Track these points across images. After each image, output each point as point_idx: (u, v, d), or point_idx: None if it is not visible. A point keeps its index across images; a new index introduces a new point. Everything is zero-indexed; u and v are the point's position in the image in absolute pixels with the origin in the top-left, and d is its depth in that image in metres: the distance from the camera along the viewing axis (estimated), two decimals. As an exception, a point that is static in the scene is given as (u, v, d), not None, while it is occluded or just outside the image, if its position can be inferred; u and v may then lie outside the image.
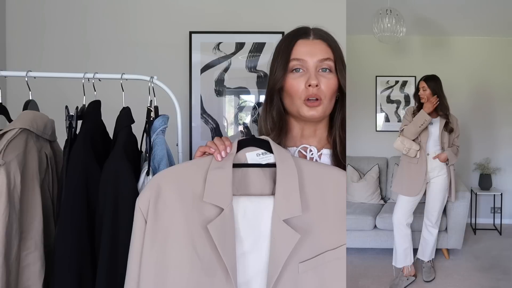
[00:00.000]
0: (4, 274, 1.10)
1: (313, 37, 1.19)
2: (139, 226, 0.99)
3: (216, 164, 1.01)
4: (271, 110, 1.22)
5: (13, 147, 1.17)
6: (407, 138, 2.69)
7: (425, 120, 2.61)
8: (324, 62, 1.16)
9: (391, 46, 3.58)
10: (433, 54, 3.86)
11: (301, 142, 1.23)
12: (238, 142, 1.06)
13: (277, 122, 1.21)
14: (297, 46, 1.18)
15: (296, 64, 1.17)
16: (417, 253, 2.83)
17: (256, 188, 1.04)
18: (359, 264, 2.99)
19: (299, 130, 1.24)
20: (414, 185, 2.70)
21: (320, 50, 1.17)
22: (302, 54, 1.17)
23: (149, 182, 1.02)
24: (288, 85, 1.17)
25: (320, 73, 1.16)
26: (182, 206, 0.99)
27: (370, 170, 3.72)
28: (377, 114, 4.07)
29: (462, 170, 3.81)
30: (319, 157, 1.22)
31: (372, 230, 3.14)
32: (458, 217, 2.98)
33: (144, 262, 0.98)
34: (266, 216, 1.00)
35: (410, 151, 2.68)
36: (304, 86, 1.15)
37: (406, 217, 2.74)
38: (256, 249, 1.00)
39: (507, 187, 3.85)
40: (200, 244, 0.97)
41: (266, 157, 1.06)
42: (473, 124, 3.88)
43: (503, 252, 3.17)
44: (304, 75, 1.16)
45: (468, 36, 3.89)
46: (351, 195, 3.56)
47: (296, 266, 0.99)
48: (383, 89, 4.03)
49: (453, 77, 3.83)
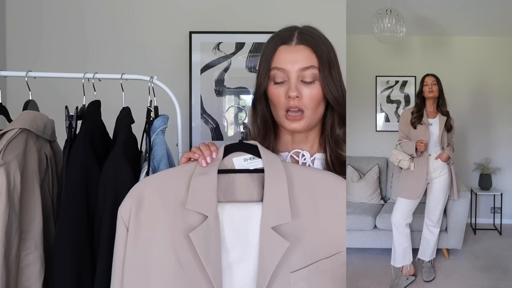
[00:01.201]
0: (4, 274, 1.10)
1: (296, 43, 1.10)
2: (121, 235, 0.96)
3: (200, 170, 0.97)
4: (255, 116, 1.18)
5: (13, 147, 1.17)
6: (400, 151, 2.71)
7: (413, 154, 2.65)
8: (306, 71, 1.08)
9: (391, 46, 3.58)
10: (433, 54, 3.86)
11: (293, 147, 1.18)
12: (225, 147, 1.01)
13: (262, 129, 1.16)
14: (278, 53, 1.10)
15: (277, 73, 1.10)
16: (417, 253, 2.83)
17: (243, 194, 0.99)
18: (359, 264, 2.99)
19: (289, 136, 1.18)
20: (415, 188, 2.71)
21: (302, 58, 1.09)
22: (283, 62, 1.09)
23: (131, 190, 0.98)
24: (270, 94, 1.12)
25: (303, 83, 1.09)
26: (165, 214, 0.95)
27: (370, 170, 3.72)
28: (377, 114, 4.07)
29: (462, 170, 3.81)
30: (312, 162, 1.17)
31: (372, 230, 3.14)
32: (458, 217, 2.98)
33: (126, 272, 0.95)
34: (254, 224, 0.95)
35: (400, 162, 2.68)
36: (284, 97, 1.09)
37: (406, 218, 2.73)
38: (244, 259, 0.95)
39: (507, 187, 3.84)
40: (183, 254, 0.93)
41: (254, 162, 1.01)
42: (473, 124, 3.88)
43: (503, 252, 3.17)
44: (285, 85, 1.09)
45: (468, 36, 3.89)
46: (351, 195, 3.56)
47: (287, 276, 0.94)
48: (383, 89, 4.03)
49: (453, 77, 3.82)
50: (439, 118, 2.72)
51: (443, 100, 2.74)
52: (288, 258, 0.94)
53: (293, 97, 1.08)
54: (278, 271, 0.93)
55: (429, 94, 2.70)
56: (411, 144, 2.67)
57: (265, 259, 0.92)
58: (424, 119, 2.71)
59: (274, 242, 0.92)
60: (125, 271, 0.95)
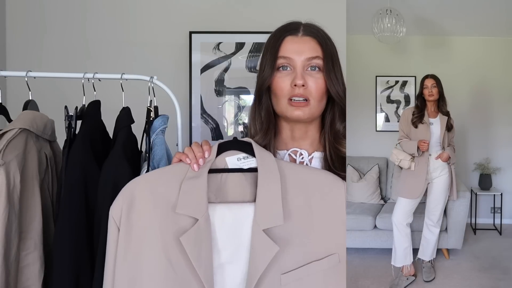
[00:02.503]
0: (4, 274, 1.10)
1: (302, 34, 1.12)
2: (112, 235, 0.96)
3: (191, 174, 0.96)
4: (259, 109, 1.15)
5: (12, 147, 1.17)
6: (401, 151, 2.71)
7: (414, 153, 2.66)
8: (312, 61, 1.09)
9: (391, 46, 3.58)
10: (433, 54, 3.87)
11: (292, 144, 1.17)
12: (218, 145, 1.00)
13: (264, 122, 1.14)
14: (285, 43, 1.11)
15: (283, 62, 1.10)
16: (417, 253, 2.83)
17: (236, 194, 0.98)
18: (359, 264, 2.99)
19: (289, 131, 1.17)
20: (415, 188, 2.71)
21: (308, 48, 1.10)
22: (289, 51, 1.10)
23: (122, 190, 0.97)
24: (274, 84, 1.11)
25: (308, 72, 1.10)
26: (156, 216, 0.94)
27: (370, 170, 3.72)
28: (377, 114, 4.07)
29: (462, 170, 3.81)
30: (310, 161, 1.16)
31: (372, 230, 3.15)
32: (458, 217, 2.98)
33: (118, 272, 0.94)
34: (247, 224, 0.94)
35: (401, 162, 2.69)
36: (290, 86, 1.09)
37: (406, 217, 2.74)
38: (235, 259, 0.94)
39: (507, 187, 3.85)
40: (174, 256, 0.92)
41: (248, 161, 1.00)
42: (473, 124, 3.88)
43: (503, 252, 3.17)
44: (291, 74, 1.10)
45: (468, 36, 3.89)
46: (351, 195, 3.56)
47: (278, 278, 0.93)
48: (383, 89, 4.04)
49: (454, 77, 3.83)
50: (440, 118, 2.72)
51: (443, 101, 2.74)
52: (279, 260, 0.93)
53: (299, 86, 1.08)
54: (267, 273, 0.92)
55: (429, 98, 2.71)
56: (413, 143, 2.67)
57: (255, 261, 0.92)
58: (425, 119, 2.72)
59: (264, 245, 0.92)
60: (117, 271, 0.94)
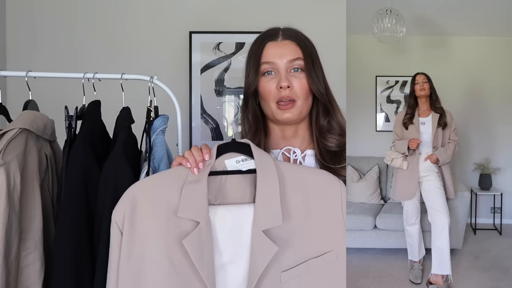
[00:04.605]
0: (4, 274, 1.10)
1: (282, 38, 1.18)
2: (116, 239, 0.97)
3: (192, 178, 0.98)
4: (247, 113, 1.22)
5: (13, 147, 1.17)
6: (394, 151, 2.73)
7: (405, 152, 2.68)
8: (294, 62, 1.15)
9: (391, 46, 3.59)
10: (433, 54, 3.87)
11: (284, 143, 1.22)
12: (217, 147, 1.03)
13: (253, 125, 1.20)
14: (267, 48, 1.17)
15: (267, 67, 1.16)
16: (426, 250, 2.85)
17: (236, 196, 1.00)
18: (359, 264, 2.99)
19: (279, 131, 1.22)
20: (407, 189, 2.73)
21: (289, 51, 1.16)
22: (271, 56, 1.16)
23: (124, 194, 0.99)
24: (261, 88, 1.17)
25: (292, 74, 1.15)
26: (159, 219, 0.96)
27: (370, 170, 3.72)
28: (377, 114, 4.07)
29: (462, 170, 3.82)
30: (303, 159, 1.20)
31: (372, 230, 3.15)
32: (458, 217, 2.99)
33: (121, 275, 0.95)
34: (247, 225, 0.97)
35: (393, 161, 2.70)
36: (276, 88, 1.14)
37: (413, 216, 2.79)
38: (237, 259, 0.97)
39: (507, 187, 3.85)
40: (177, 258, 0.95)
41: (246, 163, 1.02)
42: (473, 124, 3.88)
43: (503, 252, 3.17)
44: (276, 77, 1.15)
45: (468, 36, 3.90)
46: (351, 195, 3.56)
47: (278, 276, 0.96)
48: (383, 89, 4.04)
49: (454, 77, 3.84)
50: (432, 116, 2.72)
51: (435, 97, 2.74)
52: (279, 259, 0.96)
53: (285, 87, 1.13)
54: (268, 271, 0.95)
55: (420, 92, 2.71)
56: (404, 142, 2.68)
57: (255, 261, 0.94)
58: (415, 119, 2.72)
59: (264, 245, 0.94)
60: (120, 275, 0.96)
